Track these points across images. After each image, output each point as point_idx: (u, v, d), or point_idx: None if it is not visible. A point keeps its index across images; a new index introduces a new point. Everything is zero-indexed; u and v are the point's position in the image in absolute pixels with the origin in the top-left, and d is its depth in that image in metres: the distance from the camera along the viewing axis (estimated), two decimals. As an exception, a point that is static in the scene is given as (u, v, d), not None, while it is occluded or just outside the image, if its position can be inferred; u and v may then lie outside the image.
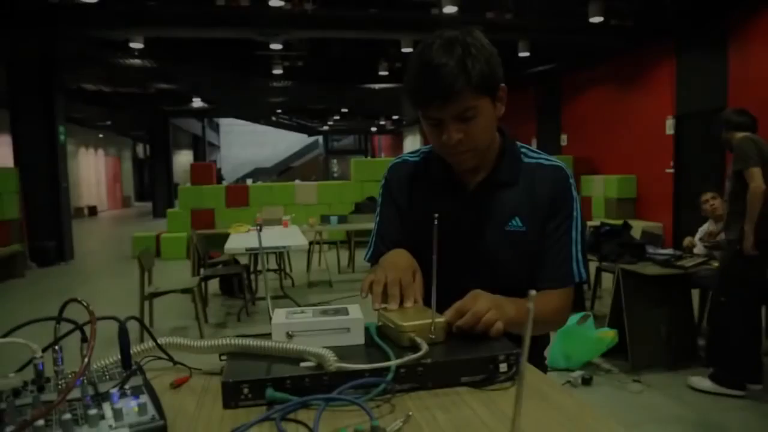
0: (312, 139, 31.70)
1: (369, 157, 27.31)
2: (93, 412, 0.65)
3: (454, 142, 1.10)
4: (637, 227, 5.91)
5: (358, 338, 0.95)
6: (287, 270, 7.33)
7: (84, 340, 0.78)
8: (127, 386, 0.75)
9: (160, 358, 0.96)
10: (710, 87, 7.37)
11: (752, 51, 6.78)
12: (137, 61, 10.08)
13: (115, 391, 0.71)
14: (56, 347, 0.78)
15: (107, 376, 0.80)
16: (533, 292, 0.56)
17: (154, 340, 0.93)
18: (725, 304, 3.46)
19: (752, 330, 3.48)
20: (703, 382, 3.44)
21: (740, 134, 3.39)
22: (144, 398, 0.71)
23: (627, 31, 8.24)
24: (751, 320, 3.46)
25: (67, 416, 0.64)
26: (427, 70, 1.06)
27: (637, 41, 8.54)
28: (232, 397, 0.80)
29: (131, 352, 0.88)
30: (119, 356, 0.85)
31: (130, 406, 0.69)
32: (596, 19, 7.70)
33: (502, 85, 1.14)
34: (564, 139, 11.44)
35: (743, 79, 6.89)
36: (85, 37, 8.59)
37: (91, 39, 8.77)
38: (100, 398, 0.72)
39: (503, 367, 0.87)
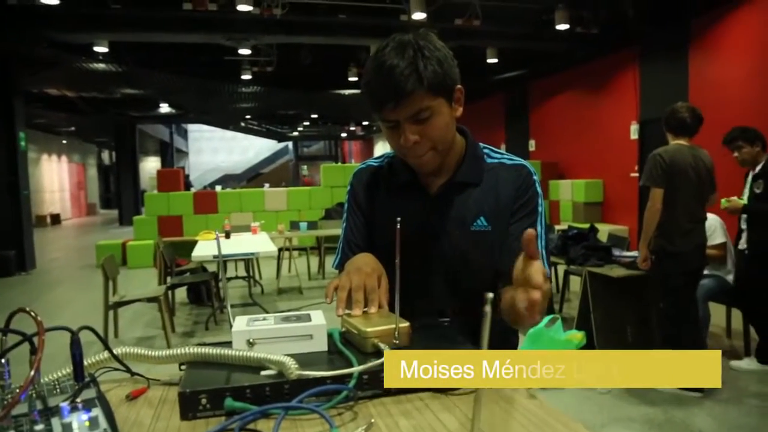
0: (282, 145, 31.48)
1: (339, 163, 27.24)
2: (39, 427, 0.62)
3: (410, 144, 1.10)
4: (604, 231, 6.01)
5: (321, 345, 0.94)
6: (257, 277, 7.24)
7: (33, 352, 0.74)
8: (78, 399, 0.72)
9: (116, 369, 0.93)
10: (672, 93, 7.54)
11: (711, 57, 6.98)
12: (102, 66, 9.84)
13: (65, 404, 0.68)
14: (2, 360, 0.74)
15: (58, 390, 0.77)
16: (490, 295, 0.56)
17: (109, 350, 0.91)
18: (664, 310, 3.53)
19: (695, 331, 3.56)
20: None
21: (671, 140, 3.51)
22: (96, 411, 0.68)
23: (592, 38, 8.40)
24: (690, 322, 3.52)
25: (11, 432, 0.60)
26: (380, 72, 1.06)
27: (602, 48, 8.72)
28: (189, 407, 0.78)
29: (86, 363, 0.85)
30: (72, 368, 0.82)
31: (80, 420, 0.65)
32: (562, 27, 7.84)
33: (458, 86, 1.14)
34: (532, 145, 11.59)
35: (703, 85, 7.08)
36: (47, 40, 8.35)
37: (52, 42, 8.53)
38: (49, 413, 0.69)
39: None
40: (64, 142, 21.96)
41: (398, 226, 0.95)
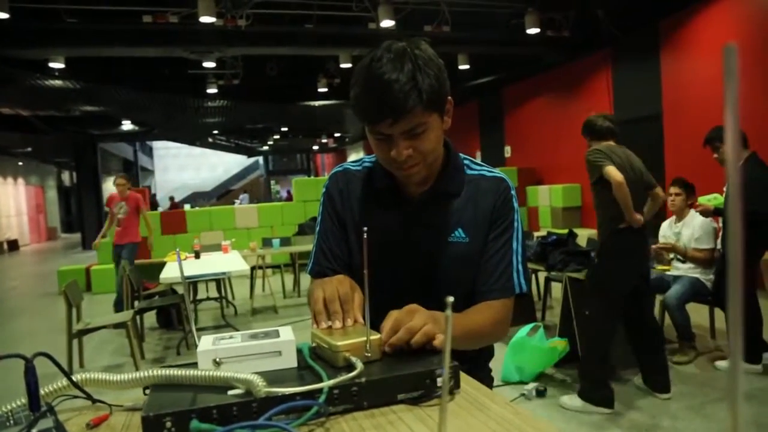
0: (252, 160, 31.07)
1: (312, 177, 26.95)
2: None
3: (403, 158, 1.09)
4: (583, 235, 5.91)
5: (290, 361, 0.92)
6: (229, 298, 6.96)
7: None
8: (34, 430, 0.72)
9: (76, 396, 0.90)
10: (645, 94, 7.55)
11: (682, 58, 7.00)
12: (59, 82, 9.44)
13: (18, 437, 0.66)
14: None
15: (12, 421, 0.76)
16: (450, 299, 0.54)
17: (68, 376, 0.87)
18: (589, 317, 3.34)
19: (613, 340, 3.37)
20: (573, 401, 3.26)
21: (597, 144, 3.31)
22: (52, 442, 0.66)
23: (564, 41, 8.36)
24: (612, 333, 3.34)
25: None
26: (378, 87, 1.04)
27: (574, 51, 8.70)
28: None
29: (43, 392, 0.83)
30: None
31: (36, 453, 0.63)
32: (533, 31, 7.77)
33: (449, 98, 1.14)
34: (508, 151, 11.53)
35: (675, 85, 7.09)
36: (-3, 56, 7.94)
37: (4, 58, 8.10)
38: (1, 446, 0.68)
39: (441, 381, 0.85)
40: (20, 163, 21.21)
41: (365, 236, 0.92)
